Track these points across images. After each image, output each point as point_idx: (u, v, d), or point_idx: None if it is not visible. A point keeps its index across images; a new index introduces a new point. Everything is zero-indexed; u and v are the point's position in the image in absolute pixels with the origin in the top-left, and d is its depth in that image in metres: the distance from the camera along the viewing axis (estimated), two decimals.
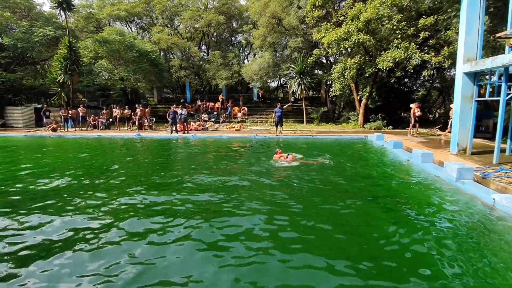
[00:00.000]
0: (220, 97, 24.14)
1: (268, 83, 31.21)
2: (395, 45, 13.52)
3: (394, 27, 13.25)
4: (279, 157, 7.47)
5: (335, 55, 20.51)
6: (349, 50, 16.07)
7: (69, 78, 18.07)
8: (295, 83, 18.93)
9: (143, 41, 22.60)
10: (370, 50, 15.79)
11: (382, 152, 9.12)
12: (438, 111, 25.58)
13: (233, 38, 29.87)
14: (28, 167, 7.42)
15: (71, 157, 9.09)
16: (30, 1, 21.84)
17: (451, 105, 9.92)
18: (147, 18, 27.89)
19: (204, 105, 22.74)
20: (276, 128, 14.19)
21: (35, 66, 23.52)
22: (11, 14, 19.69)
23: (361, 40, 13.70)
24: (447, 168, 5.64)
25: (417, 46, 13.26)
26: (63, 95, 18.92)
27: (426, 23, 12.79)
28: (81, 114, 18.10)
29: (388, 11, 13.29)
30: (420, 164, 6.82)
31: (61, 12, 18.90)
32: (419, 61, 14.29)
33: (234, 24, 27.65)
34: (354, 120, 18.07)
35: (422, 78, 20.91)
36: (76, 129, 17.97)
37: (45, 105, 19.85)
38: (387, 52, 13.68)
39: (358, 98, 17.56)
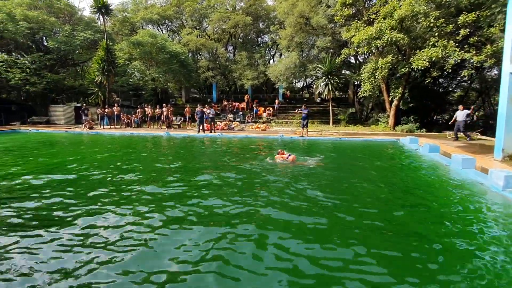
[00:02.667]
0: (246, 97, 24.36)
1: (294, 84, 30.97)
2: (431, 43, 12.83)
3: (431, 25, 12.58)
4: (281, 158, 7.49)
5: (365, 55, 19.91)
6: (381, 49, 15.50)
7: (106, 78, 19.21)
8: (322, 84, 18.62)
9: (173, 43, 23.42)
10: (403, 49, 15.12)
11: (417, 156, 8.67)
12: (476, 113, 23.91)
13: (259, 39, 30.04)
14: (74, 159, 8.01)
15: (108, 152, 9.67)
16: (73, 7, 23.49)
17: None
18: (177, 21, 28.87)
19: (230, 105, 23.08)
20: (302, 129, 14.06)
21: (75, 67, 25.25)
22: (55, 19, 21.30)
23: (394, 38, 13.17)
24: (493, 176, 5.25)
25: (456, 44, 12.48)
26: (100, 94, 20.15)
27: (467, 19, 11.99)
28: (115, 112, 19.19)
29: (425, 7, 12.64)
30: (460, 171, 6.41)
31: (100, 16, 20.16)
32: (457, 60, 13.44)
33: (260, 25, 27.80)
34: (384, 122, 17.41)
35: (459, 78, 19.77)
36: (111, 126, 19.04)
37: (84, 104, 21.27)
38: (423, 51, 13.02)
39: (389, 99, 16.88)
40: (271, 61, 30.45)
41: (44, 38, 22.20)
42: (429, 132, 15.18)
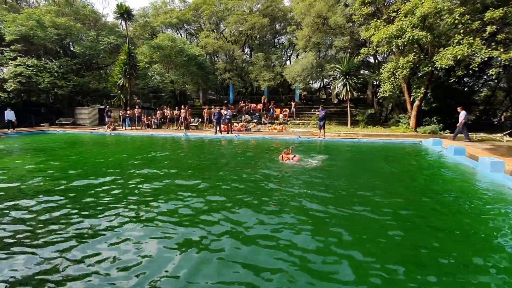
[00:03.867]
0: (263, 98, 24.43)
1: (311, 84, 30.71)
2: (456, 41, 12.31)
3: (456, 21, 12.08)
4: (286, 158, 7.51)
5: (385, 54, 19.42)
6: (402, 48, 15.07)
7: (128, 81, 19.94)
8: (340, 84, 18.35)
9: (191, 46, 23.92)
10: (426, 47, 14.62)
11: (441, 159, 8.36)
12: (504, 114, 22.68)
13: (276, 40, 30.05)
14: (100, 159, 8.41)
15: (130, 151, 10.06)
16: (97, 13, 24.55)
17: None
18: (195, 24, 29.46)
19: (247, 106, 23.23)
20: (320, 131, 13.92)
21: (99, 71, 26.37)
22: (81, 26, 22.36)
23: (416, 36, 12.76)
24: None
25: (483, 42, 11.92)
26: (122, 97, 20.92)
27: (494, 16, 11.41)
28: (137, 114, 19.86)
29: (449, 4, 12.17)
30: (488, 174, 6.13)
31: (122, 21, 20.95)
32: (484, 59, 12.82)
33: (277, 26, 27.81)
34: (404, 123, 16.89)
35: (485, 77, 18.83)
36: (132, 128, 19.71)
37: (107, 106, 22.16)
38: (447, 49, 12.52)
39: (411, 99, 16.36)
40: (288, 62, 30.39)
41: (71, 43, 23.36)
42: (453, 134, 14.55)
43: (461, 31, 12.18)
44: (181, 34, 30.59)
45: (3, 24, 19.93)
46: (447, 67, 12.52)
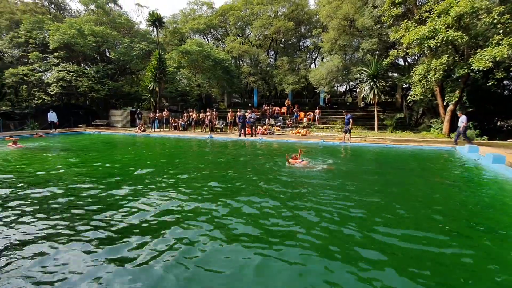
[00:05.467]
0: (287, 102, 24.41)
1: (336, 88, 30.16)
2: (495, 41, 11.55)
3: (495, 21, 11.35)
4: (294, 162, 7.56)
5: (416, 56, 18.64)
6: (434, 50, 14.39)
7: (157, 85, 20.91)
8: (367, 87, 17.87)
9: (217, 51, 24.57)
10: (461, 49, 13.85)
11: (478, 167, 7.82)
12: None
13: (301, 43, 29.95)
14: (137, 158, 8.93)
15: (160, 151, 10.56)
16: (131, 21, 26.08)
17: None
18: (222, 29, 30.23)
19: (270, 110, 23.33)
20: (344, 135, 13.67)
21: (132, 75, 27.91)
22: (117, 33, 23.86)
23: (450, 37, 12.14)
24: None
25: None
26: (152, 100, 21.96)
27: None
28: (165, 117, 20.73)
29: (487, 2, 11.47)
30: None
31: (154, 28, 22.07)
32: None
33: (302, 29, 27.75)
34: (437, 129, 16.05)
35: None
36: (161, 129, 20.59)
37: (138, 109, 23.36)
38: (485, 50, 11.78)
39: (444, 103, 15.53)
40: (313, 65, 30.13)
41: (107, 50, 24.99)
42: (491, 140, 13.59)
43: (501, 31, 11.43)
44: (208, 39, 31.52)
45: (48, 33, 21.80)
46: (485, 69, 11.76)
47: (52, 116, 18.89)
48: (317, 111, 21.48)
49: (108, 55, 24.94)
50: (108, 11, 25.60)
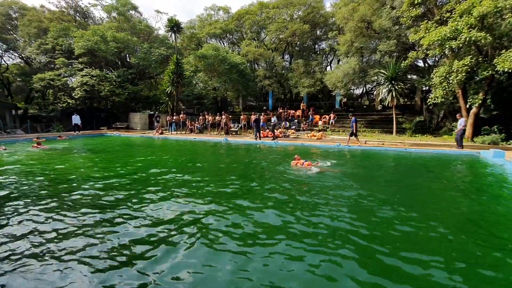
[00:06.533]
0: (302, 105, 24.30)
1: (352, 90, 29.72)
2: None
3: None
4: (296, 163, 7.68)
5: (436, 57, 18.08)
6: (456, 51, 13.92)
7: (175, 89, 21.46)
8: (385, 90, 17.49)
9: (233, 55, 24.89)
10: (485, 50, 13.32)
11: (504, 173, 7.46)
12: None
13: (316, 46, 29.78)
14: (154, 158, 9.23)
15: (178, 153, 10.83)
16: (150, 27, 26.96)
17: None
18: (238, 33, 30.62)
19: (285, 113, 23.28)
20: (349, 138, 13.62)
21: (150, 80, 28.78)
22: (137, 39, 24.73)
23: (473, 38, 11.71)
24: None
25: None
26: (169, 103, 22.54)
27: None
28: (181, 119, 21.20)
29: (511, 2, 10.99)
30: None
31: (172, 34, 22.70)
32: None
33: (318, 32, 27.60)
34: None
35: None
36: (177, 132, 21.06)
37: (156, 112, 24.03)
38: (510, 51, 11.27)
39: (466, 106, 14.94)
40: (328, 67, 29.85)
41: (127, 55, 25.93)
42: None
43: None
44: (224, 43, 32.01)
45: (74, 40, 22.92)
46: (510, 70, 11.25)
47: (76, 119, 19.79)
48: (331, 115, 21.15)
49: (128, 60, 25.87)
50: (129, 18, 26.60)
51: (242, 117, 20.20)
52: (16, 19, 26.44)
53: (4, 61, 28.27)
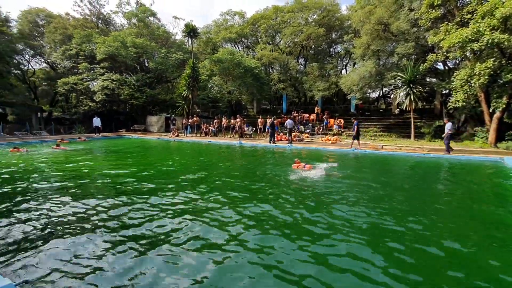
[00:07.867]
0: (317, 109, 24.16)
1: (368, 94, 29.23)
2: None
3: None
4: (297, 166, 8.01)
5: (457, 60, 17.53)
6: (478, 53, 13.47)
7: (191, 93, 21.91)
8: (402, 93, 17.13)
9: (248, 59, 25.16)
10: (508, 52, 12.81)
11: None
12: None
13: (331, 49, 29.59)
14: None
15: (192, 155, 11.08)
16: (168, 33, 27.72)
17: None
18: (253, 38, 30.93)
19: (300, 116, 23.22)
20: (352, 142, 13.73)
21: (167, 84, 29.51)
22: (155, 44, 25.49)
23: (496, 40, 11.31)
24: None
25: None
26: (185, 106, 23.02)
27: None
28: (196, 122, 21.60)
29: None
30: None
31: (189, 39, 23.24)
32: None
33: (333, 35, 27.43)
34: (482, 138, 14.88)
35: None
36: (193, 135, 21.46)
37: (172, 115, 24.60)
38: None
39: (490, 110, 14.37)
40: (343, 71, 29.56)
41: (146, 60, 26.75)
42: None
43: None
44: (239, 48, 32.41)
45: (96, 46, 23.93)
46: None
47: (96, 122, 20.58)
48: (342, 120, 21.22)
49: (147, 65, 26.69)
50: (148, 24, 27.48)
51: (259, 120, 20.15)
52: (43, 26, 27.94)
53: (31, 66, 29.92)
